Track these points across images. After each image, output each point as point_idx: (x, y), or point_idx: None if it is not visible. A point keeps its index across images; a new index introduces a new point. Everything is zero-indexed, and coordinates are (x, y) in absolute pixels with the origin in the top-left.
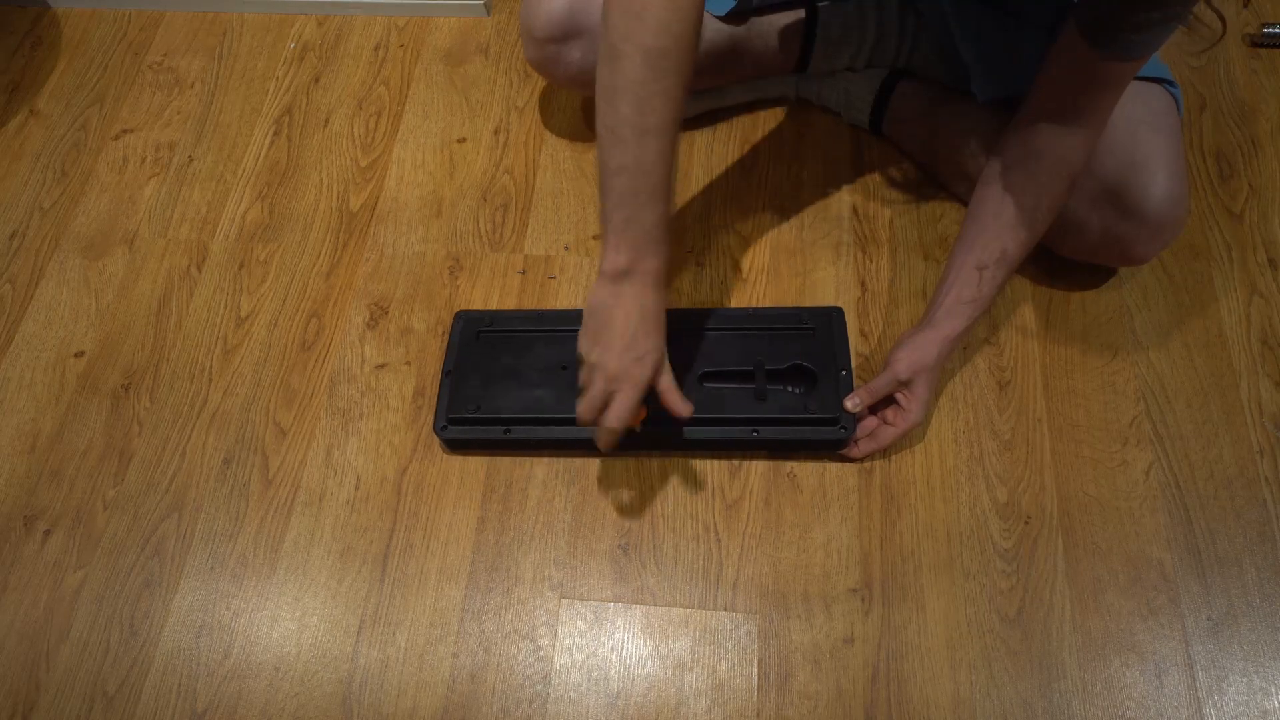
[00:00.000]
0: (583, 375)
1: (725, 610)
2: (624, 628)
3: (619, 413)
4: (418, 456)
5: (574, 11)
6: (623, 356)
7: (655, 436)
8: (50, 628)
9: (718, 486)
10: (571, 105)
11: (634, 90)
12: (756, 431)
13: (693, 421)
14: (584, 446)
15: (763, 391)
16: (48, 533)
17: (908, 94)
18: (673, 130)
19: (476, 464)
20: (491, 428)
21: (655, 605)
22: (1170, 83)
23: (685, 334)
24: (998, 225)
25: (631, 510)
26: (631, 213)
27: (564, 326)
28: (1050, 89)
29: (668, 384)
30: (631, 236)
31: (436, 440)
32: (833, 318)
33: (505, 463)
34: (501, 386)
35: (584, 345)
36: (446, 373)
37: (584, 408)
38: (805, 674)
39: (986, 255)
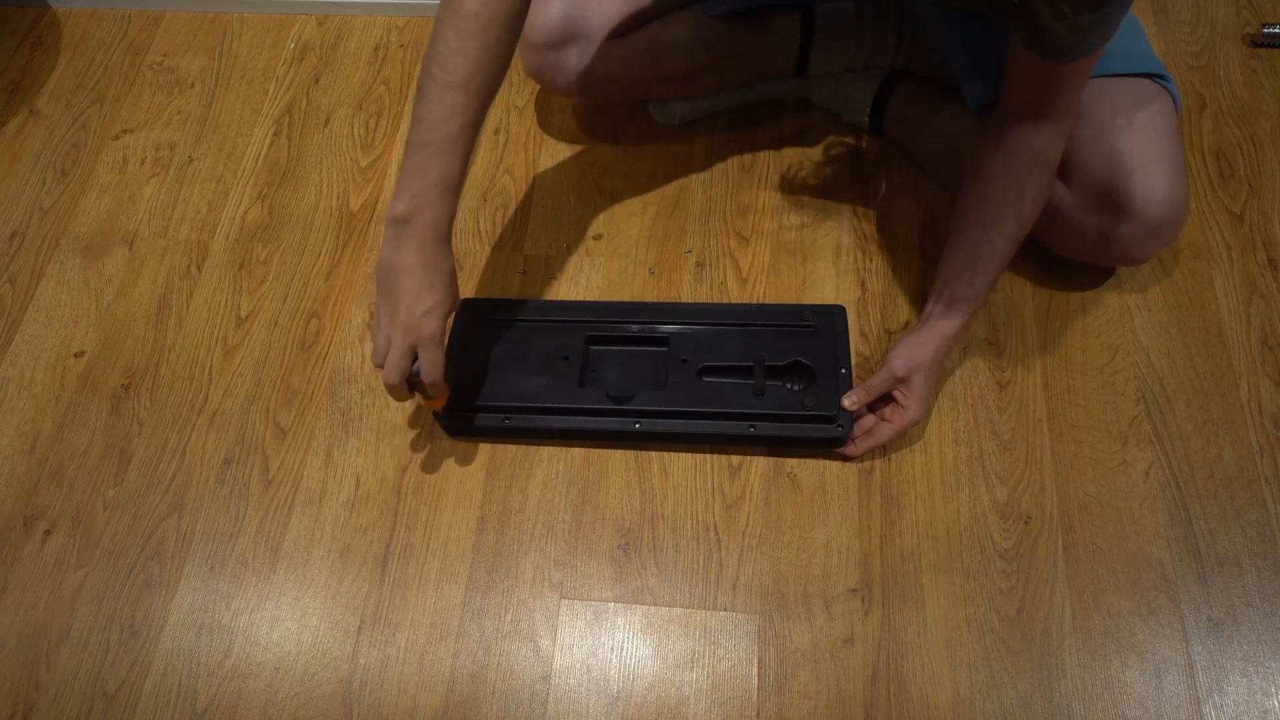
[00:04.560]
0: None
1: (725, 610)
2: (624, 628)
3: (390, 366)
4: (418, 456)
5: (570, 16)
6: (410, 312)
7: (650, 430)
8: (50, 628)
9: (718, 486)
10: (571, 106)
11: (440, 48)
12: (753, 427)
13: (689, 414)
14: (583, 436)
15: (761, 387)
16: (48, 533)
17: (907, 94)
18: (470, 91)
19: (477, 465)
20: (491, 415)
21: (655, 605)
22: (1164, 77)
23: (688, 327)
24: (983, 222)
25: (631, 510)
26: (421, 162)
27: (567, 316)
28: (1014, 92)
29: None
30: (415, 186)
31: (436, 441)
32: (835, 316)
33: (505, 464)
34: (502, 374)
35: (379, 304)
36: (449, 359)
37: (375, 358)
38: (805, 674)
39: (975, 252)
